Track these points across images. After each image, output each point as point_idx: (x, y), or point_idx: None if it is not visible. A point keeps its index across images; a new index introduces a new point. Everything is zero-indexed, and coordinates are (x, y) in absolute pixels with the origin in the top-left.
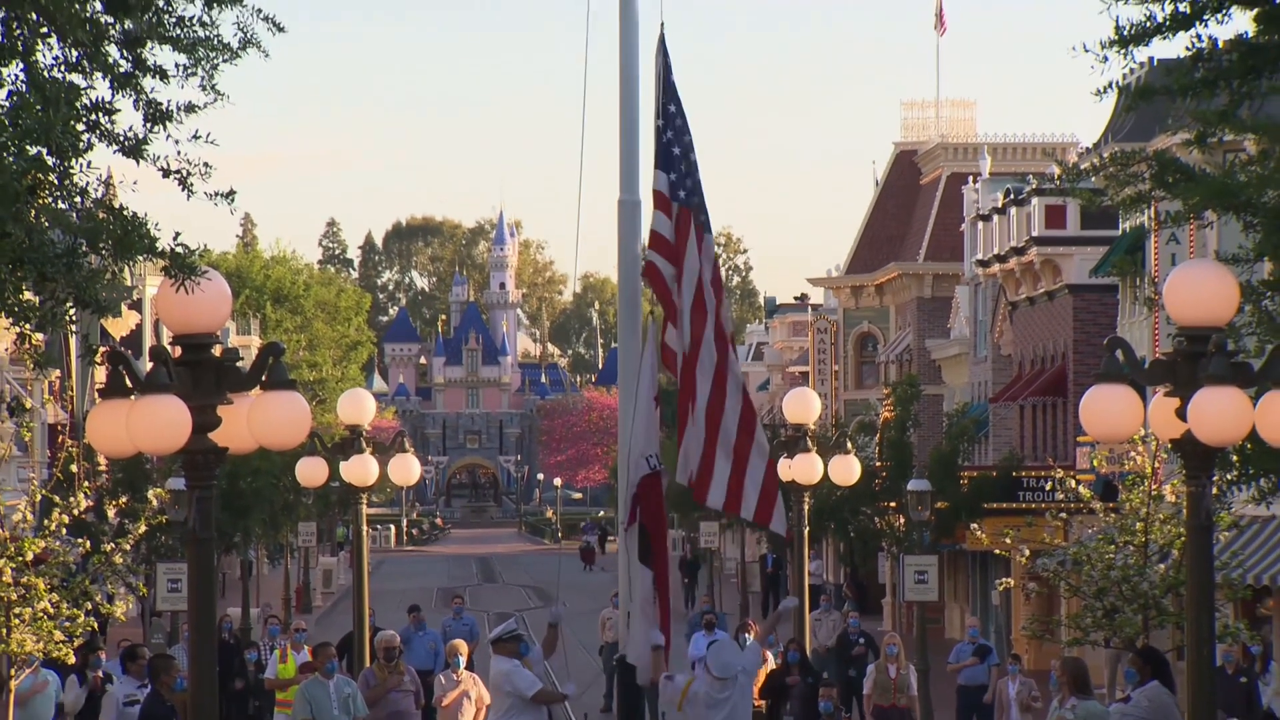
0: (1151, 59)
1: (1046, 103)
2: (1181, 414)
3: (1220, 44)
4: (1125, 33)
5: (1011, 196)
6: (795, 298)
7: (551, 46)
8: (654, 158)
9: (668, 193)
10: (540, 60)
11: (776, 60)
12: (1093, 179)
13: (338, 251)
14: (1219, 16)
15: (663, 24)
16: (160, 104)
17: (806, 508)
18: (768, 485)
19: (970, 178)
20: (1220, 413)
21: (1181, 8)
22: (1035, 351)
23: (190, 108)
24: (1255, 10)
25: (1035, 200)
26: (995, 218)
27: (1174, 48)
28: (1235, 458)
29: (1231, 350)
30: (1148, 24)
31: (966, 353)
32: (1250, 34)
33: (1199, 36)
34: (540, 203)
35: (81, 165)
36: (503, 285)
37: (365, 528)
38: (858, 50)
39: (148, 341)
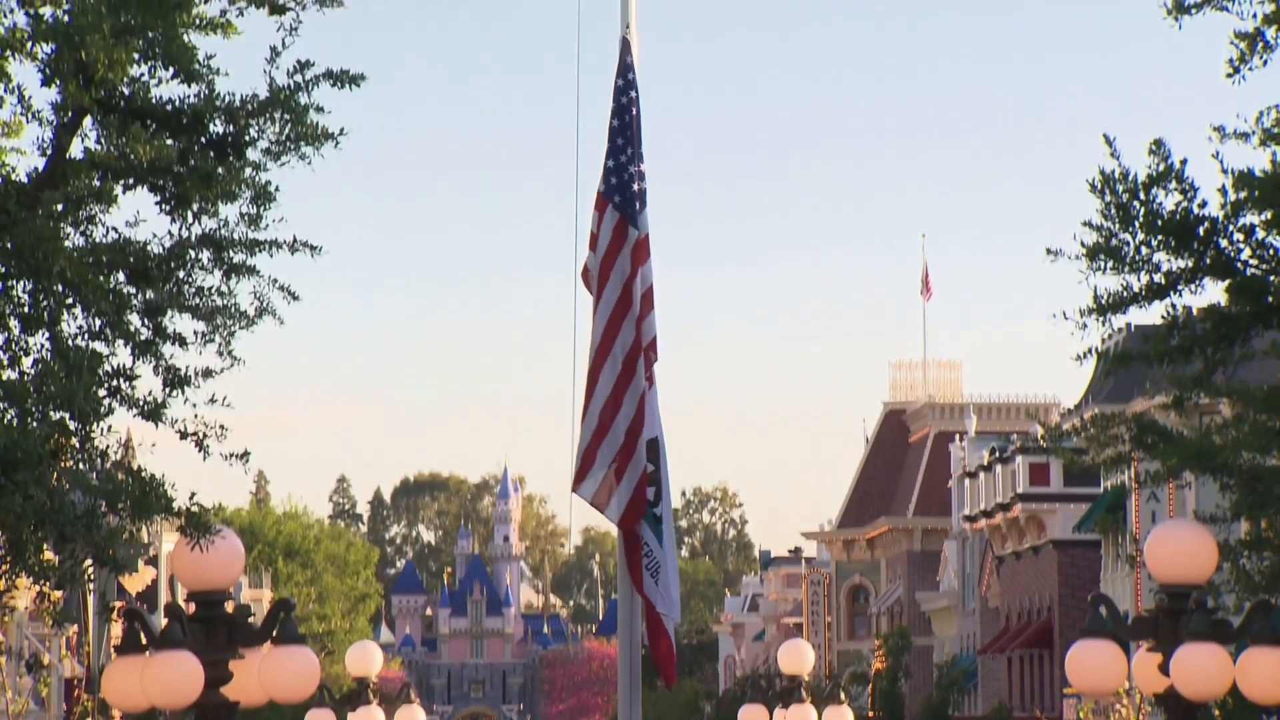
0: (1129, 324)
1: (1030, 364)
2: (1164, 669)
3: (1195, 312)
4: (1103, 301)
5: (997, 455)
6: (789, 551)
7: (554, 311)
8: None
9: (607, 194)
10: (543, 322)
11: (769, 321)
12: (1075, 439)
13: (347, 507)
14: (1192, 287)
15: (627, 26)
16: (179, 369)
17: None
18: (638, 494)
19: (957, 436)
20: (1202, 668)
21: (1157, 279)
22: (1022, 604)
23: (207, 373)
24: (1226, 282)
25: (1020, 458)
26: (982, 475)
27: (1150, 314)
28: (1217, 712)
29: (1211, 607)
30: (1125, 293)
31: (955, 605)
32: (1223, 303)
33: (1174, 305)
34: (543, 458)
35: (102, 429)
36: (506, 538)
37: None
38: (847, 313)
39: (163, 595)
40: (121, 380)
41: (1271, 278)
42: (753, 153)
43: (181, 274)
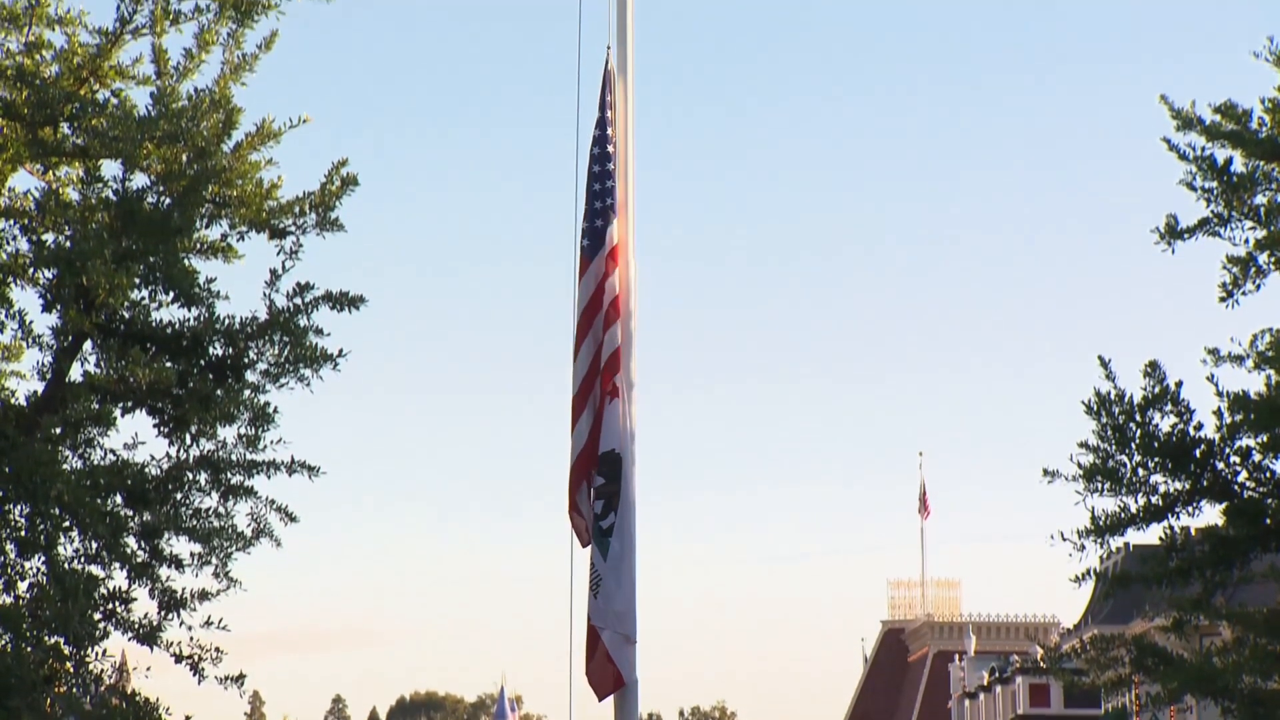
0: (1128, 544)
1: (1029, 582)
2: None
3: (1193, 533)
4: (1101, 523)
5: (997, 675)
6: None
7: (550, 530)
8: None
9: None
10: (539, 543)
11: (766, 539)
12: (1075, 661)
13: None
14: (1190, 509)
15: (609, 49)
16: (175, 592)
17: None
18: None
19: (956, 655)
20: None
21: (1154, 500)
22: None
23: (204, 595)
24: (1224, 504)
25: (1020, 679)
26: (982, 695)
27: (1149, 535)
28: None
29: None
30: (1122, 514)
31: None
32: (1221, 526)
33: (1172, 527)
34: (540, 676)
35: (97, 653)
36: None
37: None
38: (845, 531)
39: None
40: (117, 603)
41: (1269, 500)
42: (750, 369)
43: (179, 496)
